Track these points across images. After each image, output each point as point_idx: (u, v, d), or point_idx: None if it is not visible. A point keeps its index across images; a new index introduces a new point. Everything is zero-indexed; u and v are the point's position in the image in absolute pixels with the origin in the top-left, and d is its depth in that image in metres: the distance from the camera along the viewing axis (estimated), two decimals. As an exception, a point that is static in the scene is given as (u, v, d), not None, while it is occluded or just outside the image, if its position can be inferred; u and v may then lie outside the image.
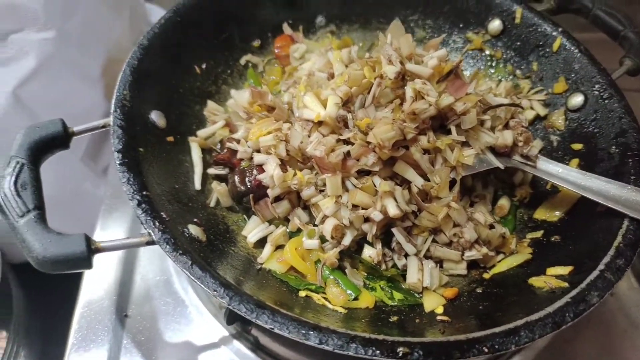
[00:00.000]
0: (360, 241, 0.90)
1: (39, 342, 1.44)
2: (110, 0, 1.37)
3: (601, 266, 0.75)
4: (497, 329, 0.67)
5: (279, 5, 1.20)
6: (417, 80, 0.86)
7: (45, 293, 1.45)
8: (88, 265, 0.72)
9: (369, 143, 0.84)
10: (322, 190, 0.89)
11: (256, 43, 1.20)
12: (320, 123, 0.91)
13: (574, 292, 0.72)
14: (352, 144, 0.86)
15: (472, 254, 0.88)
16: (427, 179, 0.88)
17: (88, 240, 0.71)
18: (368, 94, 0.88)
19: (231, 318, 0.90)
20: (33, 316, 1.44)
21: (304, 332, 0.66)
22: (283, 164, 0.90)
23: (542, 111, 1.07)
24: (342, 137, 0.87)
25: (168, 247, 0.73)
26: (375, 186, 0.86)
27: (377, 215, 0.84)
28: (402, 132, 0.83)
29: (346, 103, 0.90)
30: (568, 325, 0.69)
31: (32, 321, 1.42)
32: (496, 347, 0.65)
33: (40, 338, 1.45)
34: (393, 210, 0.84)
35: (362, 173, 0.89)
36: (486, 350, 0.65)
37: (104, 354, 0.94)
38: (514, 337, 0.66)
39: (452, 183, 0.89)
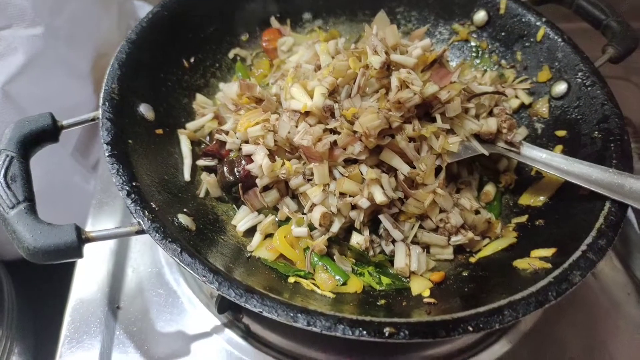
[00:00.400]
0: (348, 228, 0.91)
1: (32, 337, 1.45)
2: (98, -4, 1.38)
3: (583, 247, 0.76)
4: (481, 309, 0.69)
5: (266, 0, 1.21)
6: (402, 70, 0.87)
7: (37, 288, 1.46)
8: (79, 254, 0.72)
9: (355, 132, 0.86)
10: (310, 179, 0.91)
11: (244, 37, 1.21)
12: (307, 113, 0.92)
13: (556, 272, 0.74)
14: (339, 133, 0.87)
15: (458, 239, 0.90)
16: (413, 167, 0.89)
17: (78, 230, 0.72)
18: (354, 84, 0.89)
19: (222, 307, 0.91)
20: (25, 311, 1.44)
21: (292, 314, 0.67)
22: (271, 154, 0.91)
23: (527, 99, 1.09)
24: (328, 127, 0.89)
25: (157, 235, 0.74)
26: (362, 174, 0.87)
27: (364, 203, 0.85)
28: (388, 121, 0.85)
29: (332, 93, 0.91)
30: (551, 304, 0.70)
31: (25, 316, 1.43)
32: (480, 325, 0.67)
33: (33, 333, 1.45)
34: (380, 197, 0.85)
35: (349, 162, 0.90)
36: (471, 329, 0.67)
37: (97, 346, 0.95)
38: (498, 316, 0.68)
39: (438, 170, 0.90)
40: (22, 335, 1.39)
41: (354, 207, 0.87)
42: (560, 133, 1.02)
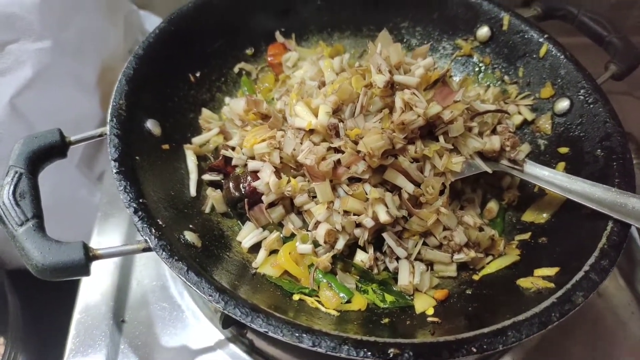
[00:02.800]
0: (352, 245, 0.92)
1: (36, 348, 1.45)
2: (105, 9, 1.39)
3: (586, 267, 0.77)
4: (485, 330, 0.69)
5: (271, 14, 1.22)
6: (406, 91, 0.88)
7: (42, 299, 1.46)
8: (86, 272, 0.73)
9: (359, 151, 0.86)
10: (315, 197, 0.91)
11: (249, 51, 1.22)
12: (311, 131, 0.93)
13: (559, 293, 0.74)
14: (343, 152, 0.88)
15: (461, 257, 0.90)
16: (417, 184, 0.90)
17: (86, 248, 0.73)
18: (357, 103, 0.90)
19: (227, 322, 0.92)
20: (30, 322, 1.44)
21: (297, 334, 0.68)
22: (277, 171, 0.92)
23: (530, 116, 1.10)
24: (333, 146, 0.89)
25: (164, 253, 0.74)
26: (366, 193, 0.88)
27: (368, 222, 0.86)
28: (391, 142, 0.86)
29: (337, 111, 0.92)
30: (554, 325, 0.71)
31: (29, 327, 1.43)
32: (484, 347, 0.67)
33: (37, 344, 1.46)
34: (384, 217, 0.86)
35: (353, 180, 0.90)
36: (474, 350, 0.67)
37: (102, 359, 0.95)
38: (502, 337, 0.68)
39: (442, 188, 0.91)
40: (26, 346, 1.39)
41: (358, 225, 0.88)
42: (563, 150, 1.02)
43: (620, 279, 1.09)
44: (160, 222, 0.79)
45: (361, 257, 0.91)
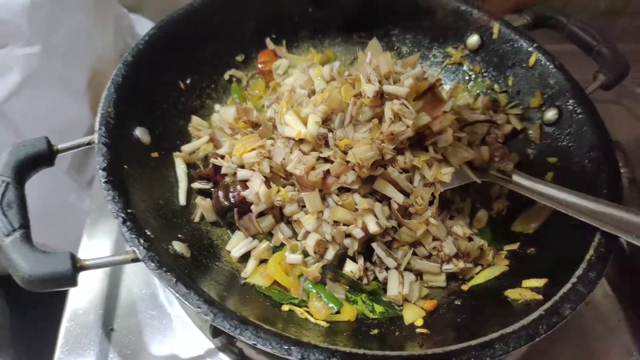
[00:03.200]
0: (342, 255, 0.92)
1: (25, 355, 1.44)
2: (94, 12, 1.38)
3: (573, 279, 0.77)
4: (473, 342, 0.70)
5: (262, 21, 1.22)
6: (395, 101, 0.88)
7: (31, 306, 1.45)
8: (73, 283, 0.73)
9: (348, 162, 0.87)
10: (305, 206, 0.91)
11: (240, 57, 1.22)
12: (301, 140, 0.93)
13: (547, 305, 0.75)
14: (333, 162, 0.88)
15: (450, 267, 0.91)
16: (406, 194, 0.90)
17: (73, 258, 0.72)
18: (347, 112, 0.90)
19: (216, 331, 0.92)
20: (18, 330, 1.43)
21: (286, 347, 0.68)
22: (266, 180, 0.91)
23: (519, 125, 1.10)
24: (322, 155, 0.89)
25: (153, 264, 0.74)
26: (355, 203, 0.88)
27: (358, 233, 0.86)
28: (381, 153, 0.86)
29: (326, 120, 0.91)
30: (541, 338, 0.71)
31: (18, 334, 1.42)
32: (472, 359, 0.68)
33: (25, 352, 1.45)
34: (373, 228, 0.86)
35: (343, 189, 0.91)
36: (462, 363, 0.67)
37: (91, 369, 0.95)
38: (490, 350, 0.69)
39: (431, 199, 0.91)
40: (15, 354, 1.38)
41: (347, 235, 0.88)
42: (552, 160, 1.03)
43: (607, 286, 1.09)
44: (148, 233, 0.79)
45: (351, 268, 0.91)
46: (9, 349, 1.36)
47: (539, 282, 0.82)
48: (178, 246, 0.84)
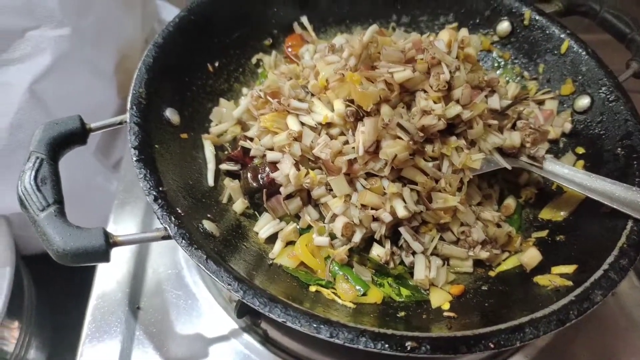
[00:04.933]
0: (369, 239, 0.92)
1: (50, 333, 1.47)
2: (122, -3, 1.39)
3: (605, 266, 0.76)
4: (502, 325, 0.69)
5: (290, 5, 1.22)
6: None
7: (57, 285, 1.49)
8: (106, 258, 0.74)
9: (376, 152, 0.86)
10: (332, 190, 0.91)
11: (267, 42, 1.22)
12: (329, 125, 0.93)
13: (578, 291, 0.74)
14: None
15: (478, 252, 0.90)
16: (436, 181, 0.90)
17: (106, 234, 0.73)
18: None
19: (241, 311, 0.92)
20: (45, 307, 1.47)
21: (315, 325, 0.68)
22: (295, 163, 0.92)
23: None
24: (350, 144, 0.89)
25: (184, 241, 0.75)
26: (384, 187, 0.88)
27: (386, 217, 0.86)
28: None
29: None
30: (572, 323, 0.70)
31: (44, 312, 1.45)
32: (502, 342, 0.68)
33: (51, 329, 1.48)
34: (402, 212, 0.86)
35: (371, 174, 0.90)
36: (492, 345, 0.67)
37: (117, 345, 0.96)
38: (519, 334, 0.68)
39: (460, 185, 0.91)
40: (41, 330, 1.42)
41: (375, 219, 0.88)
42: (583, 148, 1.02)
43: (635, 277, 1.08)
44: (179, 211, 0.79)
45: (377, 252, 0.91)
46: (36, 326, 1.39)
47: (569, 269, 0.82)
48: (208, 225, 0.84)
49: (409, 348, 0.66)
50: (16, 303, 1.31)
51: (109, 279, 1.05)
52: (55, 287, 1.49)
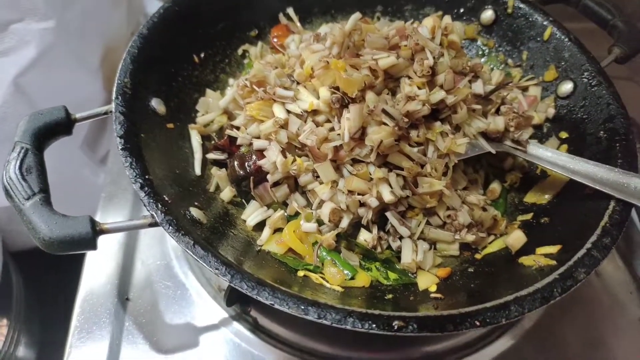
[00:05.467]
0: (356, 224, 0.92)
1: (38, 329, 1.47)
2: (108, -10, 1.39)
3: (588, 244, 0.78)
4: (488, 304, 0.70)
5: (275, -4, 1.22)
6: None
7: (45, 281, 1.48)
8: (93, 246, 0.74)
9: (361, 138, 0.87)
10: (319, 176, 0.92)
11: (253, 32, 1.22)
12: (315, 112, 0.93)
13: (562, 269, 0.75)
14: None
15: (464, 236, 0.91)
16: (421, 166, 0.90)
17: (93, 222, 0.73)
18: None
19: (231, 300, 0.93)
20: (33, 304, 1.46)
21: (303, 307, 0.68)
22: (282, 150, 0.92)
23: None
24: (336, 131, 0.90)
25: (170, 228, 0.75)
26: (370, 173, 0.88)
27: (373, 202, 0.87)
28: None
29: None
30: (556, 300, 0.72)
31: (32, 308, 1.45)
32: (487, 320, 0.69)
33: (40, 324, 1.47)
34: (388, 197, 0.86)
35: (357, 160, 0.91)
36: (478, 323, 0.68)
37: (107, 337, 0.96)
38: (505, 311, 0.69)
39: (445, 170, 0.92)
40: (29, 327, 1.41)
41: (362, 204, 0.88)
42: (566, 132, 1.03)
43: (619, 259, 1.10)
44: (166, 198, 0.80)
45: (364, 237, 0.91)
46: (24, 323, 1.38)
47: (553, 249, 0.83)
48: (195, 212, 0.85)
49: (396, 327, 0.67)
50: (4, 300, 1.31)
51: (97, 271, 1.05)
52: (44, 283, 1.48)
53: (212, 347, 0.96)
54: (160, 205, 0.77)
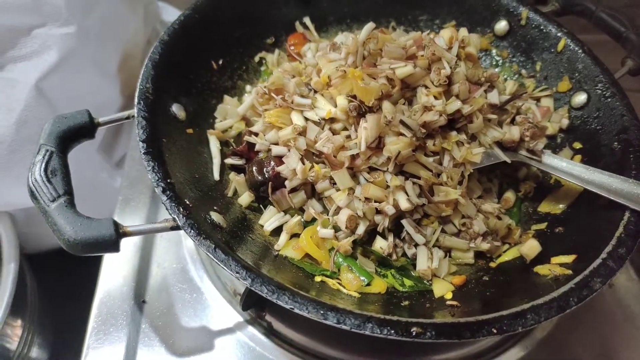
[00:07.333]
0: (372, 231, 0.94)
1: (53, 331, 1.48)
2: (126, -2, 1.41)
3: (603, 255, 0.78)
4: (504, 312, 0.71)
5: (292, 4, 1.24)
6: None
7: (59, 283, 1.49)
8: (116, 248, 0.75)
9: (378, 147, 0.88)
10: (336, 183, 0.93)
11: (270, 40, 1.24)
12: (332, 120, 0.95)
13: (577, 279, 0.76)
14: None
15: (479, 244, 0.92)
16: (437, 175, 0.92)
17: (116, 224, 0.74)
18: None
19: (247, 304, 0.94)
20: (47, 306, 1.47)
21: (322, 312, 0.69)
22: (301, 157, 0.93)
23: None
24: (353, 140, 0.91)
25: (192, 231, 0.76)
26: (386, 181, 0.89)
27: (390, 209, 0.88)
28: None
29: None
30: (572, 310, 0.72)
31: (47, 311, 1.46)
32: (504, 328, 0.69)
33: (54, 326, 1.48)
34: (404, 204, 0.88)
35: (374, 168, 0.92)
36: (495, 331, 0.69)
37: (123, 338, 0.97)
38: (521, 319, 0.70)
39: (460, 179, 0.93)
40: (43, 329, 1.42)
41: (378, 211, 0.90)
42: (580, 143, 1.04)
43: (632, 270, 1.10)
44: (187, 202, 0.81)
45: (380, 244, 0.92)
46: (39, 325, 1.39)
47: (568, 259, 0.84)
48: (215, 217, 0.86)
49: (414, 333, 0.68)
50: (19, 301, 1.32)
51: (114, 273, 1.06)
52: (58, 286, 1.50)
53: (226, 350, 0.97)
54: (182, 209, 0.78)
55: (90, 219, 0.75)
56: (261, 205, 1.00)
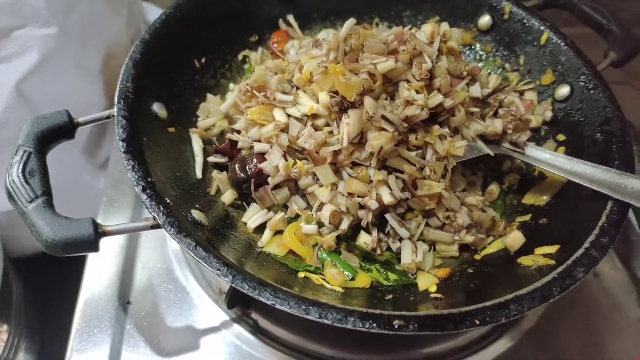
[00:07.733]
0: (356, 226, 0.93)
1: (39, 334, 1.46)
2: (108, -2, 1.40)
3: (586, 244, 0.78)
4: (487, 303, 0.71)
5: (275, 3, 1.23)
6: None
7: (43, 286, 1.48)
8: (95, 248, 0.74)
9: (360, 143, 0.88)
10: (319, 179, 0.93)
11: (253, 38, 1.23)
12: (314, 116, 0.94)
13: (560, 268, 0.76)
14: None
15: (463, 236, 0.92)
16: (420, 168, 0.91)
17: (95, 224, 0.74)
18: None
19: (232, 302, 0.93)
20: (33, 308, 1.46)
21: (304, 307, 0.69)
22: (283, 153, 0.93)
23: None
24: (335, 135, 0.90)
25: (172, 229, 0.75)
26: (369, 175, 0.89)
27: (373, 204, 0.87)
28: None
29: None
30: (555, 299, 0.72)
31: (32, 313, 1.44)
32: (487, 319, 0.69)
33: (40, 330, 1.47)
34: (387, 199, 0.87)
35: (356, 163, 0.92)
36: (478, 322, 0.69)
37: (108, 340, 0.96)
38: (504, 310, 0.70)
39: (444, 172, 0.92)
40: (30, 332, 1.41)
41: (361, 206, 0.89)
42: (563, 135, 1.04)
43: (617, 259, 1.11)
44: (167, 201, 0.80)
45: (364, 239, 0.92)
46: (24, 328, 1.38)
47: (552, 249, 0.83)
48: (197, 214, 0.85)
49: (396, 326, 0.67)
50: (4, 305, 1.30)
51: (98, 274, 1.06)
52: (43, 289, 1.49)
53: (213, 349, 0.96)
54: (162, 208, 0.77)
55: (69, 219, 0.74)
56: (244, 203, 0.99)
